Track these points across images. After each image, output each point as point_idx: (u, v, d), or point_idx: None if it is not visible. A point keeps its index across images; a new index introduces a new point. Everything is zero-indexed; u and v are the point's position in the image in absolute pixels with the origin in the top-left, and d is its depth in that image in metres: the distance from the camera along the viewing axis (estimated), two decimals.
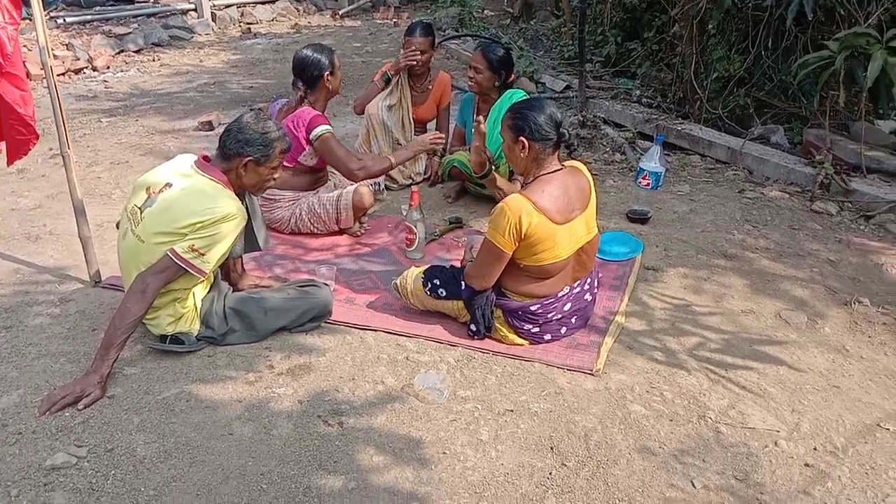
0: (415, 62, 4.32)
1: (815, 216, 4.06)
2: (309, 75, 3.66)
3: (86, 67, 7.57)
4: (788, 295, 3.25)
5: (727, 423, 2.43)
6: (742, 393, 2.59)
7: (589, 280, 2.88)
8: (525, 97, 3.96)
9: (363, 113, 4.54)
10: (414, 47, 4.35)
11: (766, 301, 3.20)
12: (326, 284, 3.07)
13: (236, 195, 2.69)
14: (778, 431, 2.39)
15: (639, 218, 3.96)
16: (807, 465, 2.26)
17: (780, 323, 3.04)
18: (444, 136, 4.04)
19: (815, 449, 2.32)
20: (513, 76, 4.10)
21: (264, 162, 2.71)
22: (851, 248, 3.67)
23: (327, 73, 3.66)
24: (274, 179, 2.82)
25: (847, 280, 3.38)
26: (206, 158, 2.73)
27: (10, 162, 3.78)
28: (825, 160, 4.33)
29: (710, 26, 5.33)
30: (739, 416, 2.46)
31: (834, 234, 3.85)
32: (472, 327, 2.83)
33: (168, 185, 2.63)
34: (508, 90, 4.05)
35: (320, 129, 3.59)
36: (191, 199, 2.58)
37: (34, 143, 3.64)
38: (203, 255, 2.55)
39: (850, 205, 4.14)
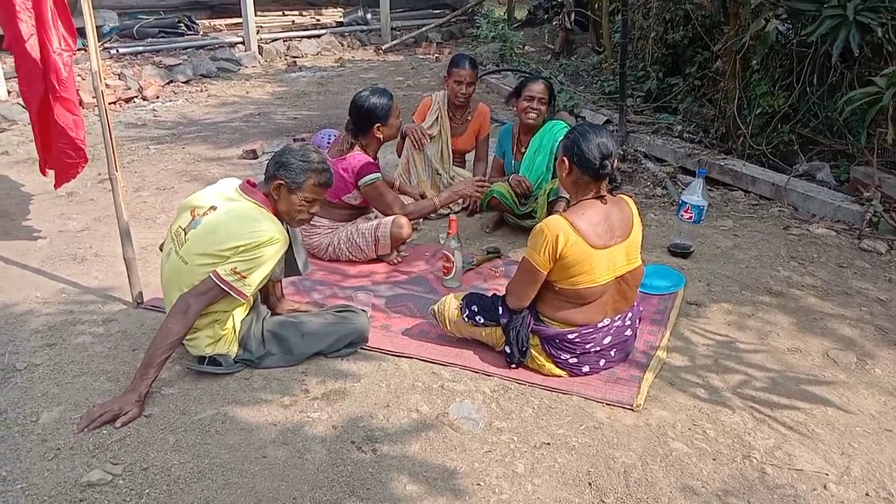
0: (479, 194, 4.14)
1: (864, 254, 3.95)
2: (359, 125, 3.70)
3: (136, 97, 7.80)
4: (836, 334, 3.15)
5: (773, 463, 2.35)
6: (789, 433, 2.49)
7: (630, 315, 2.83)
8: (566, 127, 3.98)
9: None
10: (462, 78, 4.40)
11: (813, 340, 3.11)
12: (363, 311, 3.07)
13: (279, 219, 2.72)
14: (827, 474, 2.30)
15: (681, 252, 3.89)
16: None
17: (828, 362, 2.94)
18: (486, 184, 4.05)
19: (867, 494, 2.22)
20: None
21: (295, 189, 2.72)
22: None
23: (378, 125, 3.70)
24: (310, 214, 2.81)
25: None
26: (251, 183, 2.76)
27: (58, 185, 3.89)
28: (873, 197, 4.23)
29: (753, 62, 5.29)
30: (786, 457, 2.37)
31: (883, 272, 3.74)
32: (507, 349, 2.80)
33: (213, 207, 2.66)
34: (549, 121, 4.08)
35: (370, 178, 3.63)
36: (235, 222, 2.61)
37: (83, 167, 3.75)
38: (245, 278, 2.57)
39: None
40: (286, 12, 12.05)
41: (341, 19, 12.17)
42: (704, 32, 6.06)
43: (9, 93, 6.98)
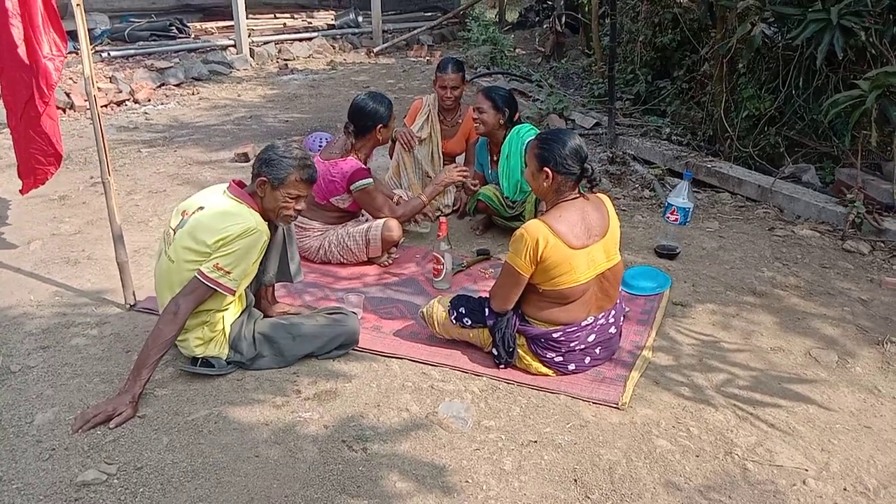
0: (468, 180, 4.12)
1: (847, 255, 4.02)
2: (363, 123, 3.75)
3: (128, 100, 7.81)
4: (818, 333, 3.22)
5: (754, 460, 2.40)
6: (770, 431, 2.55)
7: (614, 312, 2.89)
8: (532, 129, 4.02)
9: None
10: (446, 83, 4.46)
11: (796, 339, 3.17)
12: (354, 313, 3.11)
13: (266, 220, 2.76)
14: (807, 470, 2.36)
15: (667, 253, 3.95)
16: None
17: (810, 361, 3.01)
18: (467, 169, 4.09)
19: (845, 489, 2.28)
20: (517, 114, 4.14)
21: (278, 186, 2.75)
22: (884, 288, 3.62)
23: (380, 125, 3.76)
24: (296, 211, 2.83)
25: (879, 320, 3.33)
26: (238, 184, 2.81)
27: (25, 190, 3.89)
28: (857, 199, 4.30)
29: (740, 65, 5.37)
30: (767, 454, 2.43)
31: (866, 273, 3.81)
32: (495, 351, 2.85)
33: (200, 208, 2.72)
34: (516, 126, 4.10)
35: (362, 183, 3.68)
36: (214, 218, 2.67)
37: (52, 173, 3.77)
38: (229, 273, 2.61)
39: (882, 244, 4.10)
40: (277, 15, 12.06)
41: (332, 22, 12.18)
42: (692, 36, 6.13)
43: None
